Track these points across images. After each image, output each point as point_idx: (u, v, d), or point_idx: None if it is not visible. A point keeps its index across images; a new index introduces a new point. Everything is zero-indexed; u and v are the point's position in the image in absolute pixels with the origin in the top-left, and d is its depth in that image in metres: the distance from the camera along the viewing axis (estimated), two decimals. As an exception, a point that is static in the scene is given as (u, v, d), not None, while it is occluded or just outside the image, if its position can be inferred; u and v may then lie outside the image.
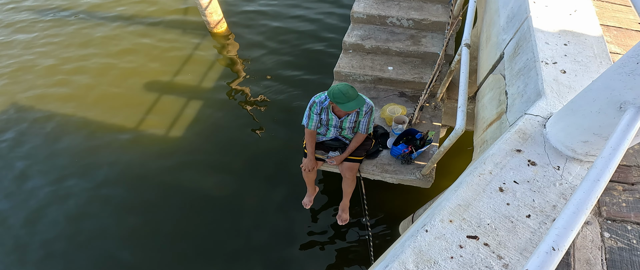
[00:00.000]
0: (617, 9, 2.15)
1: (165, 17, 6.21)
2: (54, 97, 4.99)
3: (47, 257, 3.52)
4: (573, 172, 1.33)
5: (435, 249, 1.17)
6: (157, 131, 4.52)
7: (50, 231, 3.69)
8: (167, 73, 5.23)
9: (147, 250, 3.54)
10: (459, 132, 2.11)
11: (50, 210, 3.84)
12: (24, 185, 4.07)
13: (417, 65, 3.78)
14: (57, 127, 4.62)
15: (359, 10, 4.05)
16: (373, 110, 2.67)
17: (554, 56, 1.73)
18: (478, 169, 1.36)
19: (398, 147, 2.99)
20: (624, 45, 1.92)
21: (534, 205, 1.25)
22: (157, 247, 3.56)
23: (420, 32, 4.01)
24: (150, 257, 3.50)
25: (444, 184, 3.34)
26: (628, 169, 1.47)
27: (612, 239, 1.25)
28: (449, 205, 1.27)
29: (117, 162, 4.22)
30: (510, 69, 1.97)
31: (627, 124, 0.99)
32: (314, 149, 2.89)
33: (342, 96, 2.33)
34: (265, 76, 5.15)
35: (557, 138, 1.38)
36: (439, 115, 3.43)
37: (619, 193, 1.38)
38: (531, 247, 1.15)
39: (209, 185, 4.00)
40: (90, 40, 5.83)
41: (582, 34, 1.86)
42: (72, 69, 5.36)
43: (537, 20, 1.91)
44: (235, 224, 3.69)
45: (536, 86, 1.62)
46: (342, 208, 3.35)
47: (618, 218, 1.31)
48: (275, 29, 5.89)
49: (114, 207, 3.85)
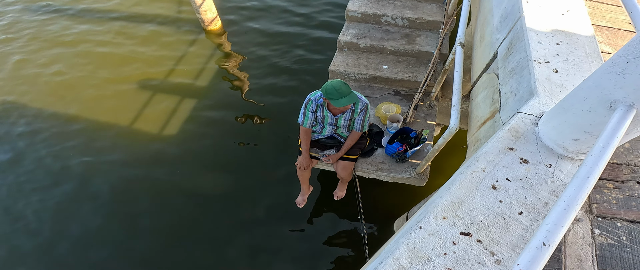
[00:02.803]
0: (608, 9, 2.17)
1: (159, 15, 6.17)
2: (43, 93, 4.95)
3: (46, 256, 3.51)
4: (564, 170, 1.34)
5: (429, 245, 1.18)
6: (149, 129, 4.49)
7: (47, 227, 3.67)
8: (161, 71, 5.20)
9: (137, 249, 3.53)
10: (452, 131, 2.13)
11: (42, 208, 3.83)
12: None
13: (412, 64, 3.80)
14: (45, 123, 4.59)
15: (354, 9, 4.05)
16: (368, 108, 2.68)
17: (547, 55, 1.75)
18: (471, 166, 1.37)
19: (393, 146, 3.01)
20: (615, 45, 1.95)
21: (526, 203, 1.26)
22: (154, 245, 3.55)
23: (415, 31, 4.03)
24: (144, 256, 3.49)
25: (438, 182, 3.35)
26: (618, 167, 1.49)
27: (602, 235, 1.27)
28: (443, 202, 1.28)
29: (107, 160, 4.19)
30: (503, 68, 1.99)
31: (617, 122, 1.00)
32: (309, 147, 2.89)
33: (335, 92, 2.34)
34: (259, 74, 5.14)
35: (549, 136, 1.40)
36: (434, 114, 3.45)
37: (609, 191, 1.41)
38: (523, 244, 1.17)
39: (202, 183, 3.99)
40: (80, 37, 5.79)
41: (574, 33, 1.89)
42: (62, 66, 5.31)
43: (530, 20, 1.93)
44: (228, 221, 3.68)
45: (529, 85, 1.64)
46: (338, 187, 3.42)
47: (608, 215, 1.33)
48: (270, 26, 5.88)
49: (102, 204, 3.84)
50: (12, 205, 3.85)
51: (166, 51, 5.49)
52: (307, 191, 3.47)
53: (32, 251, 3.53)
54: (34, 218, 3.74)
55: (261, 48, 5.51)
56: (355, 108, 2.66)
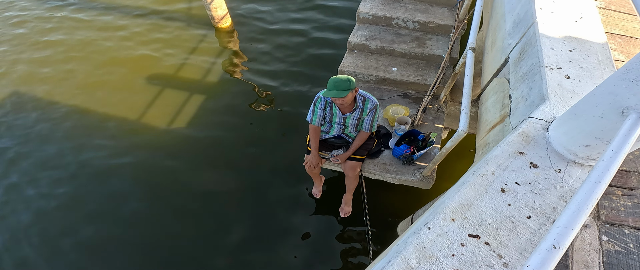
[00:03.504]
0: (622, 18, 2.17)
1: (170, 11, 6.23)
2: (51, 86, 5.02)
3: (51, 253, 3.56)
4: (574, 175, 1.35)
5: (437, 246, 1.19)
6: (157, 124, 4.53)
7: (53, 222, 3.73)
8: (169, 66, 5.25)
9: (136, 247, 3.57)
10: (461, 134, 2.13)
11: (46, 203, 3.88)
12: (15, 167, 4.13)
13: (422, 67, 3.80)
14: (51, 114, 4.66)
15: (365, 11, 4.07)
16: (377, 108, 2.70)
17: (559, 61, 1.75)
18: (481, 169, 1.38)
19: (400, 148, 3.02)
20: (628, 53, 1.95)
21: (535, 207, 1.27)
22: (152, 244, 3.59)
23: (426, 34, 4.03)
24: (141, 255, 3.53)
25: (444, 186, 3.34)
26: (627, 174, 1.49)
27: (609, 242, 1.27)
28: (452, 204, 1.29)
29: (115, 154, 4.25)
30: (514, 73, 2.00)
31: (628, 129, 1.01)
32: (317, 145, 2.91)
33: (331, 83, 2.41)
34: (268, 72, 5.16)
35: (559, 141, 1.41)
36: (442, 117, 3.46)
37: (618, 197, 1.41)
38: (531, 248, 1.18)
39: (208, 179, 4.02)
40: (90, 28, 5.87)
41: (587, 40, 1.89)
42: (70, 58, 5.40)
43: (543, 26, 1.94)
44: (235, 218, 3.71)
45: (540, 90, 1.65)
46: (345, 201, 3.43)
47: (616, 222, 1.33)
48: (281, 25, 5.90)
49: (108, 197, 3.89)
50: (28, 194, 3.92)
51: (175, 48, 5.53)
52: (320, 183, 3.55)
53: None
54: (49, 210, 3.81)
55: (271, 47, 5.53)
56: (364, 107, 2.67)
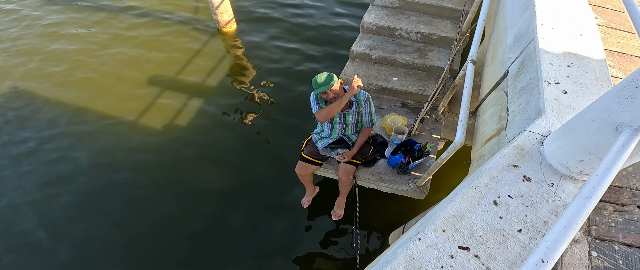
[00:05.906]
0: (621, 35, 2.18)
1: (176, 14, 6.26)
2: (55, 86, 5.02)
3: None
4: (566, 190, 1.34)
5: (426, 257, 1.18)
6: (159, 124, 4.53)
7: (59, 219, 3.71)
8: (173, 68, 5.26)
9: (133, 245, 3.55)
10: (457, 145, 2.13)
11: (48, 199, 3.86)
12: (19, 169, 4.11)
13: (422, 78, 3.81)
14: (51, 114, 4.66)
15: (369, 21, 4.09)
16: (370, 99, 2.82)
17: (557, 77, 1.75)
18: (474, 181, 1.37)
19: (396, 157, 3.01)
20: (626, 70, 1.95)
21: (526, 220, 1.26)
22: (152, 243, 3.56)
23: (428, 46, 4.05)
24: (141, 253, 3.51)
25: (438, 196, 3.34)
26: (619, 190, 1.48)
27: (599, 258, 1.26)
28: (443, 215, 1.28)
29: (117, 151, 4.24)
30: (513, 86, 2.00)
31: (622, 145, 1.00)
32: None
33: (315, 82, 2.56)
34: (271, 77, 5.18)
35: (553, 156, 1.40)
36: (439, 128, 3.45)
37: (609, 213, 1.40)
38: (520, 261, 1.16)
39: (207, 180, 4.01)
40: (94, 29, 5.89)
41: (586, 57, 1.89)
42: (72, 59, 5.41)
43: (543, 42, 1.94)
44: (230, 218, 3.68)
45: (537, 104, 1.64)
46: (337, 204, 3.42)
47: (606, 238, 1.32)
48: (284, 32, 5.94)
49: (111, 193, 3.87)
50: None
51: (179, 49, 5.55)
52: (312, 192, 3.51)
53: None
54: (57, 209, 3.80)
55: (274, 52, 5.55)
56: (358, 100, 2.79)
